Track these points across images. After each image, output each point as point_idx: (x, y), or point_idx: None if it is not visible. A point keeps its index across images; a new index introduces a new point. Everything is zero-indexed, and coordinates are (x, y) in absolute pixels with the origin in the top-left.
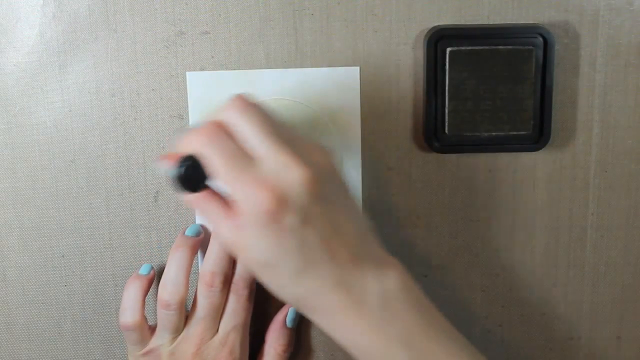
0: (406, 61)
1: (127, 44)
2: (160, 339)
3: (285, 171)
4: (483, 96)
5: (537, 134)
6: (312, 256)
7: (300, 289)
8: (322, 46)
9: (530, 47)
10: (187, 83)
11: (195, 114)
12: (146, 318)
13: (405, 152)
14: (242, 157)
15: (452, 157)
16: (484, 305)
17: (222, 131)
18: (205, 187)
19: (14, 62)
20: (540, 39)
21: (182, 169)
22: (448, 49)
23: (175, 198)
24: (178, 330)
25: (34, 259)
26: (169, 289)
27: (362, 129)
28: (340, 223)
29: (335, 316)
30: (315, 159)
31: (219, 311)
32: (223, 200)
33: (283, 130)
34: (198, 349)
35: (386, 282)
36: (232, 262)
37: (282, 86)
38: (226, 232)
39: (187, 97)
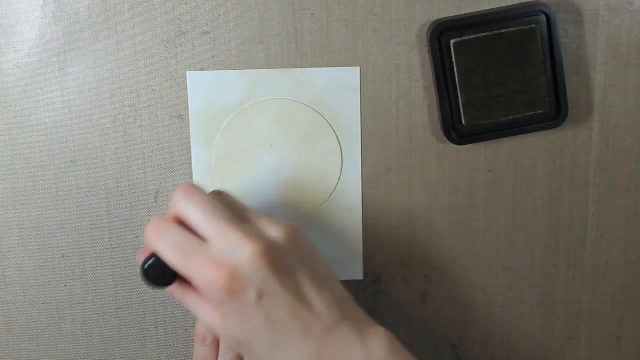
0: (406, 61)
1: (127, 44)
2: None
3: (235, 248)
4: (494, 82)
5: (555, 111)
6: (282, 330)
7: None
8: (322, 46)
9: (534, 25)
10: (187, 83)
11: (195, 114)
12: None
13: (405, 152)
14: (192, 242)
15: (452, 158)
16: (484, 305)
17: (169, 222)
18: (177, 278)
19: (14, 62)
20: (543, 16)
21: (147, 268)
22: (452, 41)
23: None
24: None
25: (34, 259)
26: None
27: (362, 129)
28: (308, 293)
29: None
30: (271, 233)
31: None
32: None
33: (234, 210)
34: None
35: (371, 349)
36: None
37: (282, 86)
38: (205, 317)
39: (187, 97)
